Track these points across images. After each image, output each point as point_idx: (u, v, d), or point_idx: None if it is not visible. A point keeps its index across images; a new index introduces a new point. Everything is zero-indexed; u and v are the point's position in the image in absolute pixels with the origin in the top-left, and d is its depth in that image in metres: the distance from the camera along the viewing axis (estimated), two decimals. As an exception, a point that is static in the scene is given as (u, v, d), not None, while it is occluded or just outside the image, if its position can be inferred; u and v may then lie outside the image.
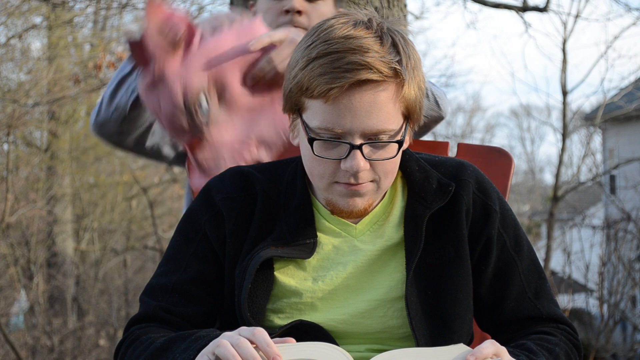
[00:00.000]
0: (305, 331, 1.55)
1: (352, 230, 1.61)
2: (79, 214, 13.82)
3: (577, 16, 9.40)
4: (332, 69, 1.45)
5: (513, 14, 7.12)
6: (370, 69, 1.44)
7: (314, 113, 1.49)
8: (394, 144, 1.51)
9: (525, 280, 1.64)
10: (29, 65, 10.74)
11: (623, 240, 8.75)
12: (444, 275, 1.58)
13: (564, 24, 9.48)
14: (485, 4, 6.62)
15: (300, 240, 1.58)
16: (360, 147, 1.48)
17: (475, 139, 30.75)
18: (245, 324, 1.53)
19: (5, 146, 10.07)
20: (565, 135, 9.82)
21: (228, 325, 1.59)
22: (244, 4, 2.78)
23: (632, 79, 10.56)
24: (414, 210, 1.60)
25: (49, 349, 9.76)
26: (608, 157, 15.41)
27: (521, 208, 24.60)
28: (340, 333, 1.58)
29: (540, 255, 9.12)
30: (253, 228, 1.61)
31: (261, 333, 1.36)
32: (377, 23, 1.50)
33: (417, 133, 2.36)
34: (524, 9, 7.14)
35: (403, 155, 1.62)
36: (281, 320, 1.58)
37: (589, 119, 13.35)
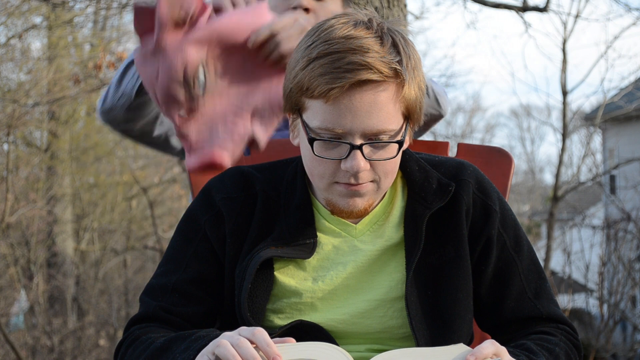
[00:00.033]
0: (305, 331, 1.55)
1: (352, 230, 1.61)
2: (79, 214, 13.83)
3: (577, 16, 9.39)
4: (333, 69, 1.45)
5: (513, 14, 7.12)
6: (371, 69, 1.44)
7: (314, 113, 1.49)
8: (394, 144, 1.51)
9: (525, 280, 1.64)
10: (29, 65, 10.74)
11: (623, 240, 8.75)
12: (444, 275, 1.58)
13: (564, 24, 9.47)
14: (485, 4, 6.62)
15: (300, 240, 1.58)
16: (360, 147, 1.48)
17: (475, 139, 30.76)
18: (245, 324, 1.53)
19: (5, 146, 10.07)
20: (565, 135, 9.81)
21: (228, 325, 1.59)
22: None
23: (632, 79, 10.55)
24: (414, 210, 1.60)
25: (49, 349, 9.76)
26: (608, 157, 15.40)
27: (521, 208, 24.59)
28: (340, 333, 1.58)
29: (540, 255, 9.11)
30: (253, 228, 1.61)
31: (261, 333, 1.36)
32: (378, 23, 1.50)
33: (417, 131, 2.36)
34: (524, 9, 7.14)
35: (403, 155, 1.62)
36: (281, 320, 1.58)
37: (589, 119, 13.34)
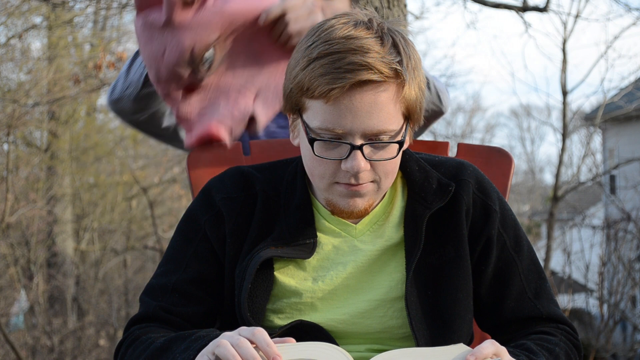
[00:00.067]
0: (305, 331, 1.55)
1: (352, 230, 1.61)
2: (79, 214, 13.82)
3: (577, 16, 9.38)
4: (333, 69, 1.45)
5: (513, 14, 7.12)
6: (371, 69, 1.44)
7: (315, 113, 1.49)
8: (395, 144, 1.51)
9: (525, 280, 1.64)
10: (29, 65, 10.74)
11: (623, 240, 8.75)
12: (444, 275, 1.58)
13: (564, 24, 9.46)
14: (485, 4, 6.62)
15: (300, 240, 1.58)
16: (360, 148, 1.48)
17: (475, 139, 30.73)
18: (245, 324, 1.53)
19: (5, 146, 10.07)
20: (565, 135, 9.80)
21: (228, 325, 1.59)
22: None
23: (632, 79, 10.54)
24: (414, 210, 1.60)
25: (49, 349, 9.76)
26: (608, 157, 15.40)
27: (521, 208, 24.58)
28: (340, 333, 1.58)
29: (540, 255, 9.11)
30: (253, 228, 1.61)
31: (261, 333, 1.36)
32: (378, 23, 1.50)
33: (418, 128, 2.35)
34: (524, 9, 7.14)
35: (403, 155, 1.62)
36: (281, 320, 1.58)
37: (589, 119, 13.34)
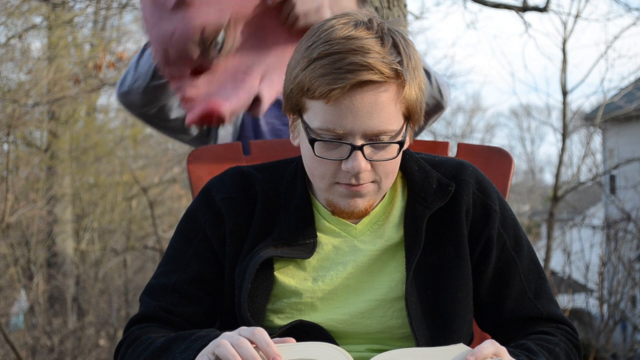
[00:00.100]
0: (305, 331, 1.55)
1: (352, 230, 1.61)
2: (79, 214, 13.82)
3: (577, 16, 9.38)
4: (334, 69, 1.45)
5: (513, 14, 7.12)
6: (372, 69, 1.44)
7: (315, 114, 1.49)
8: (395, 145, 1.51)
9: (525, 280, 1.64)
10: (29, 65, 10.74)
11: (623, 240, 8.75)
12: (444, 275, 1.58)
13: (564, 24, 9.46)
14: (485, 4, 6.62)
15: (300, 240, 1.58)
16: (361, 148, 1.48)
17: (475, 139, 30.71)
18: (245, 324, 1.53)
19: (5, 146, 10.06)
20: (565, 135, 9.80)
21: (228, 325, 1.59)
22: None
23: (632, 79, 10.54)
24: (414, 210, 1.60)
25: (49, 349, 9.76)
26: (608, 157, 15.40)
27: (521, 208, 24.58)
28: (340, 333, 1.58)
29: (540, 255, 9.11)
30: (253, 228, 1.61)
31: (261, 333, 1.36)
32: (378, 23, 1.50)
33: (418, 128, 2.35)
34: (524, 9, 7.14)
35: (403, 155, 1.62)
36: (281, 320, 1.58)
37: (589, 119, 13.34)
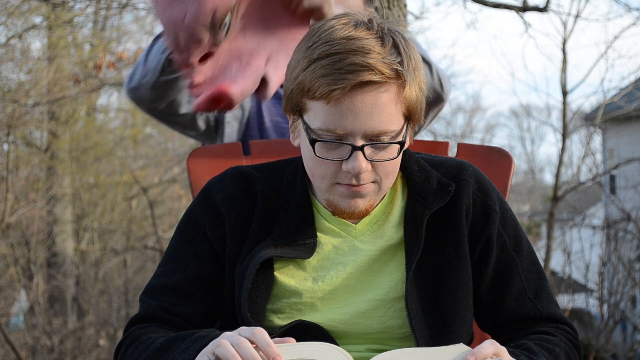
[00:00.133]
0: (305, 331, 1.55)
1: (352, 230, 1.61)
2: (79, 214, 13.82)
3: (577, 16, 9.38)
4: (334, 70, 1.45)
5: (513, 14, 7.12)
6: (372, 70, 1.44)
7: (316, 114, 1.49)
8: (396, 145, 1.51)
9: (525, 280, 1.64)
10: (29, 65, 10.73)
11: (623, 240, 8.75)
12: (444, 275, 1.58)
13: (564, 24, 9.46)
14: (485, 4, 6.62)
15: (300, 240, 1.58)
16: (362, 148, 1.48)
17: (475, 139, 30.71)
18: (245, 324, 1.53)
19: (5, 146, 10.06)
20: (565, 135, 9.81)
21: (228, 325, 1.59)
22: None
23: (632, 79, 10.54)
24: (414, 210, 1.60)
25: (49, 349, 9.76)
26: (608, 157, 15.40)
27: (521, 208, 24.57)
28: (340, 333, 1.58)
29: (540, 255, 9.11)
30: (253, 228, 1.61)
31: (261, 333, 1.36)
32: (378, 24, 1.50)
33: (418, 129, 2.34)
34: (524, 9, 7.14)
35: (403, 155, 1.61)
36: (281, 320, 1.58)
37: (589, 119, 13.33)
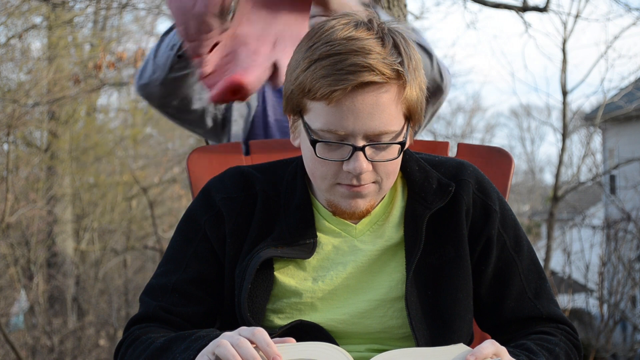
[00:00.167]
0: (305, 331, 1.55)
1: (352, 230, 1.61)
2: (79, 214, 13.82)
3: (577, 16, 9.39)
4: (335, 70, 1.44)
5: (513, 14, 7.13)
6: (373, 70, 1.44)
7: (316, 115, 1.49)
8: (396, 145, 1.51)
9: (525, 280, 1.64)
10: (29, 65, 10.73)
11: (623, 240, 8.75)
12: (444, 275, 1.58)
13: (564, 24, 9.47)
14: (485, 4, 6.62)
15: (300, 241, 1.58)
16: (362, 149, 1.48)
17: (475, 139, 30.70)
18: (245, 324, 1.53)
19: (5, 146, 10.06)
20: (565, 135, 9.81)
21: (228, 325, 1.59)
22: None
23: (632, 79, 10.54)
24: (414, 210, 1.60)
25: (49, 349, 9.76)
26: (608, 157, 15.40)
27: (521, 208, 24.56)
28: (340, 333, 1.58)
29: (540, 255, 9.11)
30: (253, 228, 1.61)
31: (261, 333, 1.36)
32: (378, 24, 1.50)
33: (418, 128, 2.34)
34: (524, 9, 7.15)
35: (403, 155, 1.61)
36: (281, 320, 1.58)
37: (589, 119, 13.33)
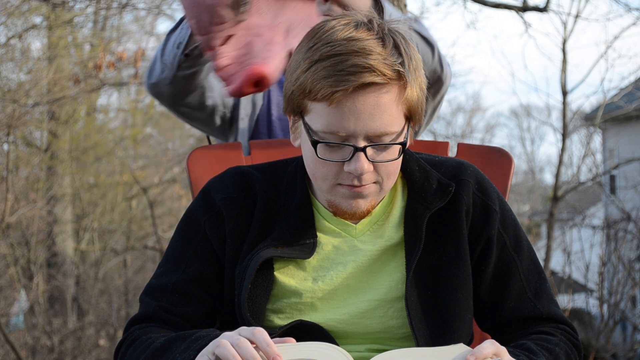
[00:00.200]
0: (305, 331, 1.55)
1: (352, 230, 1.61)
2: (79, 214, 13.82)
3: (577, 16, 9.38)
4: (336, 71, 1.44)
5: (513, 14, 7.13)
6: (374, 71, 1.44)
7: (317, 116, 1.49)
8: (397, 146, 1.51)
9: (525, 280, 1.64)
10: (29, 65, 10.72)
11: (623, 240, 8.75)
12: (444, 275, 1.59)
13: (564, 24, 9.46)
14: (485, 4, 6.63)
15: (300, 241, 1.58)
16: (364, 150, 1.48)
17: (475, 139, 30.68)
18: (245, 324, 1.53)
19: (5, 146, 10.06)
20: (565, 135, 9.81)
21: (228, 325, 1.59)
22: None
23: (632, 79, 10.54)
24: (414, 210, 1.60)
25: (49, 349, 9.76)
26: (608, 157, 15.40)
27: (521, 208, 24.55)
28: (340, 333, 1.58)
29: (540, 255, 9.11)
30: (253, 228, 1.61)
31: (261, 333, 1.37)
32: (378, 24, 1.50)
33: (418, 129, 2.33)
34: (524, 9, 7.15)
35: (403, 155, 1.61)
36: (281, 320, 1.58)
37: (589, 119, 13.33)
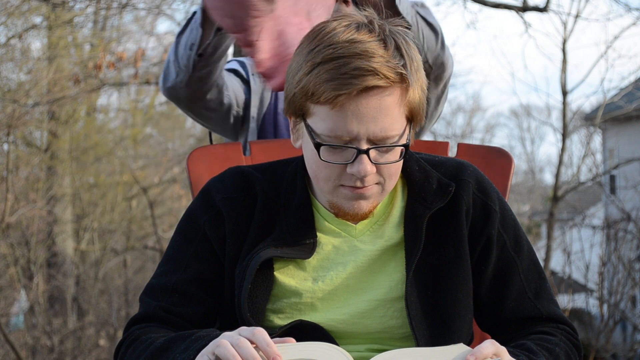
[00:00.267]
0: (305, 331, 1.55)
1: (352, 231, 1.61)
2: (79, 214, 13.82)
3: (577, 16, 9.40)
4: (339, 74, 1.44)
5: (513, 14, 7.14)
6: (377, 74, 1.44)
7: (320, 119, 1.49)
8: (399, 147, 1.51)
9: (525, 280, 1.64)
10: (29, 65, 10.72)
11: (623, 240, 8.75)
12: (444, 275, 1.59)
13: (564, 24, 9.47)
14: (485, 4, 6.63)
15: (300, 241, 1.58)
16: (367, 152, 1.48)
17: (475, 139, 30.69)
18: (245, 324, 1.53)
19: (5, 146, 10.06)
20: (565, 135, 9.82)
21: (228, 325, 1.59)
22: None
23: (632, 79, 10.55)
24: (414, 210, 1.60)
25: (49, 349, 9.77)
26: (608, 157, 15.40)
27: (521, 208, 24.55)
28: (340, 333, 1.58)
29: (540, 255, 9.12)
30: (253, 228, 1.61)
31: (261, 333, 1.37)
32: (379, 25, 1.49)
33: (419, 129, 2.33)
34: (524, 9, 7.16)
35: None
36: (281, 320, 1.58)
37: (589, 119, 13.34)
